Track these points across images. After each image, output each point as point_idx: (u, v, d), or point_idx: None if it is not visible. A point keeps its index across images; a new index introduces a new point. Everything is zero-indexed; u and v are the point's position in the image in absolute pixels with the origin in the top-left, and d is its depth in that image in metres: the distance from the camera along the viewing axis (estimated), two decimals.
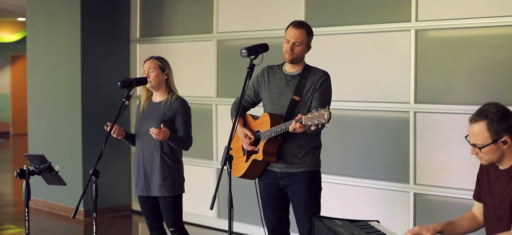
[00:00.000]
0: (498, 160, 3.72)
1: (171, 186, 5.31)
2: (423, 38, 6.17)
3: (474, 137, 3.70)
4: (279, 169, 4.92)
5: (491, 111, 3.68)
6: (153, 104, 5.40)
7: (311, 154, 4.91)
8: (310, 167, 4.90)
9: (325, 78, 4.87)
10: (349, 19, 6.68)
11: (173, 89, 5.41)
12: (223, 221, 7.78)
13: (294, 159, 4.87)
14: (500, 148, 3.67)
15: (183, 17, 8.31)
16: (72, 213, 4.76)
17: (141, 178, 5.39)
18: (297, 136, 4.76)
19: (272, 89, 4.97)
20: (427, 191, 6.13)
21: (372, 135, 6.54)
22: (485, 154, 3.69)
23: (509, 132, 3.67)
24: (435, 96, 6.10)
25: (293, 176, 4.89)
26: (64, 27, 8.68)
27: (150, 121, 5.27)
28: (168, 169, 5.30)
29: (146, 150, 5.35)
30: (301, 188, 4.89)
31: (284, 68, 4.98)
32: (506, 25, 5.68)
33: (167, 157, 5.30)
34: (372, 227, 4.04)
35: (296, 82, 4.87)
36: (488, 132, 3.66)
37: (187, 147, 5.36)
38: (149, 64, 5.37)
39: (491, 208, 3.80)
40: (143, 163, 5.37)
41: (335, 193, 6.64)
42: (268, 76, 5.03)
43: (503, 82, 5.65)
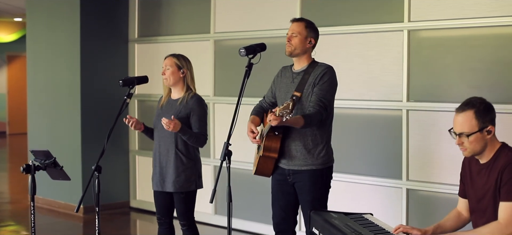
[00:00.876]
0: (481, 151, 3.88)
1: (184, 182, 5.41)
2: (415, 38, 6.31)
3: (461, 126, 3.87)
4: (286, 166, 4.96)
5: (477, 102, 3.88)
6: (171, 101, 5.51)
7: (318, 151, 4.91)
8: (315, 165, 4.90)
9: (325, 72, 4.87)
10: (344, 19, 6.81)
11: (191, 87, 5.50)
12: (220, 217, 7.92)
13: (300, 155, 4.89)
14: (484, 137, 3.84)
15: (181, 17, 8.43)
16: (71, 210, 4.88)
17: (157, 173, 5.50)
18: (300, 133, 4.82)
19: (281, 88, 5.05)
20: (419, 186, 6.28)
21: (366, 132, 6.68)
22: (471, 143, 3.85)
23: (492, 122, 3.87)
24: (427, 94, 6.24)
25: (299, 173, 4.92)
26: (64, 27, 8.79)
27: (166, 117, 5.29)
28: (182, 166, 5.40)
29: (163, 146, 5.46)
30: (305, 185, 4.91)
31: (293, 67, 5.05)
32: (495, 26, 5.83)
33: (182, 154, 5.40)
34: (366, 219, 4.20)
35: (300, 79, 4.92)
36: (475, 119, 3.84)
37: (201, 143, 5.42)
38: (167, 62, 5.47)
39: (475, 201, 3.97)
40: (159, 158, 5.49)
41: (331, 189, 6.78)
42: (280, 76, 5.12)
43: (492, 81, 5.80)
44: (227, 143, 4.43)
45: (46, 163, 4.88)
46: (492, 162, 3.88)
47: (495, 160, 3.87)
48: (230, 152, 4.44)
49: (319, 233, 4.06)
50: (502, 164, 3.81)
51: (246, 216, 7.52)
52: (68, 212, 8.67)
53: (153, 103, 8.49)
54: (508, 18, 5.72)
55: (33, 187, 4.84)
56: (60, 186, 8.49)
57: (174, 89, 5.53)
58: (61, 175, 5.05)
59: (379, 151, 6.59)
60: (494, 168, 3.85)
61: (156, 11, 8.72)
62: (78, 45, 8.56)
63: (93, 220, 8.08)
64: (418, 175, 6.31)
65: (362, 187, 6.68)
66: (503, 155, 3.86)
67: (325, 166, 4.96)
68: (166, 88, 5.58)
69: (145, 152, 8.81)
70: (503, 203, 3.75)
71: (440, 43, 6.20)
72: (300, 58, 4.97)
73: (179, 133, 5.29)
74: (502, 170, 3.80)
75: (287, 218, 5.07)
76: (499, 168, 3.82)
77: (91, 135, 8.60)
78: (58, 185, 8.65)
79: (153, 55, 8.69)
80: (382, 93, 6.51)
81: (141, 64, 8.88)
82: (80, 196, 8.09)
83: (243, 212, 7.48)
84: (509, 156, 3.83)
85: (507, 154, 3.85)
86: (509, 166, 3.78)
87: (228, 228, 4.45)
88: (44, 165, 4.89)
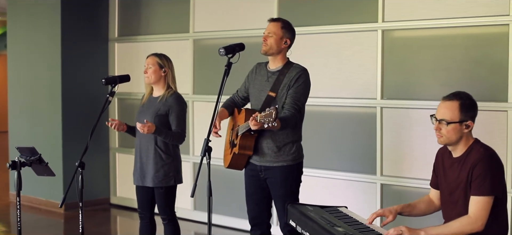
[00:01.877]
0: (455, 142, 4.06)
1: (163, 178, 5.55)
2: (389, 38, 6.48)
3: (443, 112, 4.05)
4: (258, 163, 5.13)
5: (465, 96, 4.08)
6: (152, 99, 5.64)
7: (288, 148, 5.09)
8: (286, 162, 5.08)
9: (300, 75, 5.01)
10: (320, 19, 6.96)
11: (171, 85, 5.63)
12: (200, 212, 8.06)
13: (271, 153, 5.06)
14: (462, 130, 4.03)
15: (161, 17, 8.54)
16: (52, 207, 4.96)
17: (138, 168, 5.64)
18: (272, 132, 4.96)
19: (255, 85, 5.19)
20: (393, 181, 6.46)
21: (341, 129, 6.84)
22: (448, 132, 4.03)
23: (472, 119, 4.07)
24: (400, 92, 6.41)
25: (270, 169, 5.09)
26: (45, 26, 8.86)
27: (146, 115, 5.50)
28: (161, 161, 5.54)
29: (143, 142, 5.59)
30: (277, 181, 5.09)
31: (268, 65, 5.18)
32: (466, 26, 6.01)
33: (161, 150, 5.53)
34: (340, 211, 4.37)
35: (275, 78, 5.06)
36: (458, 111, 4.02)
37: (179, 140, 5.58)
38: (149, 61, 5.60)
39: (447, 193, 4.15)
40: (140, 154, 5.63)
41: (307, 185, 6.90)
42: (255, 73, 5.25)
43: (463, 79, 5.98)
44: (207, 139, 4.58)
45: (31, 159, 5.00)
46: (465, 157, 4.05)
47: (467, 155, 4.05)
48: (210, 148, 4.58)
49: (295, 225, 4.22)
50: (474, 160, 3.98)
51: (224, 212, 7.68)
52: (49, 209, 8.77)
53: (133, 101, 8.60)
54: (479, 18, 5.90)
55: (19, 183, 4.95)
56: (41, 183, 8.60)
57: (155, 87, 5.65)
58: (46, 171, 5.16)
59: (354, 147, 6.75)
60: (466, 162, 4.02)
61: (136, 11, 8.82)
62: (59, 44, 8.64)
63: (74, 217, 8.26)
64: (392, 170, 6.49)
65: (338, 182, 6.85)
66: (475, 150, 4.03)
67: (296, 162, 5.14)
68: (148, 87, 5.71)
69: (125, 149, 8.92)
70: (473, 197, 3.93)
71: (413, 43, 6.37)
72: (275, 57, 5.11)
73: (155, 134, 5.43)
74: (473, 165, 3.96)
75: (262, 212, 5.26)
76: (470, 163, 3.99)
77: (71, 133, 8.69)
78: (39, 183, 8.74)
79: (133, 54, 8.79)
80: (357, 92, 6.67)
81: (121, 63, 8.98)
82: (62, 193, 8.24)
83: (222, 207, 7.63)
84: (480, 152, 4.00)
85: (479, 150, 4.03)
86: (480, 162, 3.95)
87: (208, 222, 4.60)
88: (30, 161, 5.00)
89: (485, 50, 5.93)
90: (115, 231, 8.47)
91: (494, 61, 5.86)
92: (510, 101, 5.75)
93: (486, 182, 3.89)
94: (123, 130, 5.62)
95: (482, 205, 3.89)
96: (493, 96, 5.85)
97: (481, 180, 3.90)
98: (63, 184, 8.61)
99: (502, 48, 5.79)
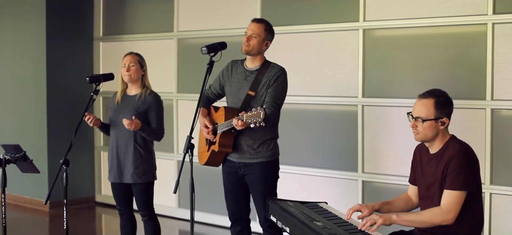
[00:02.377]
0: (431, 139, 4.16)
1: (143, 174, 5.64)
2: (370, 37, 6.57)
3: (419, 110, 4.15)
4: (236, 160, 5.23)
5: (440, 93, 4.18)
6: (128, 97, 5.69)
7: (266, 145, 5.20)
8: (265, 158, 5.19)
9: (279, 75, 5.14)
10: (302, 19, 7.04)
11: (147, 84, 5.71)
12: (183, 210, 8.13)
13: (250, 150, 5.17)
14: (437, 127, 4.13)
15: (145, 16, 8.61)
16: (37, 205, 5.00)
17: (114, 166, 5.69)
18: (251, 129, 5.04)
19: (233, 83, 5.28)
20: (374, 178, 6.56)
21: (323, 127, 6.93)
22: (424, 129, 4.13)
23: (448, 116, 4.16)
24: (381, 90, 6.51)
25: (249, 166, 5.20)
26: (30, 25, 8.90)
27: (124, 113, 5.55)
28: (140, 158, 5.62)
29: (120, 140, 5.65)
30: (256, 177, 5.20)
31: (245, 63, 5.28)
32: (444, 25, 6.12)
33: (140, 147, 5.61)
34: (320, 207, 4.46)
35: (253, 77, 5.16)
36: (434, 108, 4.12)
37: (159, 138, 5.67)
38: (130, 59, 5.67)
39: (424, 189, 4.26)
40: (117, 151, 5.67)
41: (290, 181, 7.01)
42: (231, 71, 5.34)
43: (442, 78, 6.08)
44: (190, 136, 4.67)
45: (16, 157, 5.05)
46: (441, 153, 4.15)
47: (443, 151, 4.15)
48: (192, 145, 4.68)
49: (276, 220, 4.30)
50: (449, 155, 4.08)
51: (207, 209, 7.76)
52: (34, 207, 8.83)
53: None
54: (457, 18, 6.00)
55: (4, 180, 5.01)
56: (26, 181, 8.64)
57: (132, 85, 5.71)
58: (31, 168, 5.21)
59: (336, 144, 6.84)
60: (443, 158, 4.12)
61: (120, 10, 8.88)
62: (44, 43, 8.69)
63: (59, 215, 8.29)
64: (373, 167, 6.58)
65: (320, 179, 6.94)
66: (451, 146, 4.13)
67: (273, 158, 5.26)
68: (123, 85, 5.75)
69: None
70: (446, 190, 4.03)
71: (394, 42, 6.46)
72: (254, 57, 5.22)
73: (139, 131, 5.51)
74: (449, 161, 4.07)
75: (241, 207, 5.38)
76: (446, 159, 4.09)
77: (56, 131, 8.74)
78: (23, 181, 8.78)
79: (117, 54, 8.80)
80: (339, 90, 6.76)
81: (106, 62, 9.04)
82: (46, 191, 8.27)
83: (204, 205, 7.71)
84: (456, 148, 4.10)
85: (455, 146, 4.13)
86: (455, 157, 4.05)
87: (190, 218, 4.69)
88: (15, 158, 5.05)
89: (464, 49, 6.03)
90: (100, 228, 8.52)
91: (473, 60, 5.96)
92: (488, 99, 5.86)
93: (460, 177, 3.99)
94: (97, 125, 5.66)
95: (455, 198, 3.99)
96: (472, 94, 5.96)
97: (455, 175, 4.00)
98: (48, 182, 8.65)
99: (481, 47, 5.89)
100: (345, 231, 3.90)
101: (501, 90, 5.82)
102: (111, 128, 5.75)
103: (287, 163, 6.98)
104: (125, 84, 5.74)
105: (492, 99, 5.85)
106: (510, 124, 5.82)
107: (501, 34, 5.78)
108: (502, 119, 5.85)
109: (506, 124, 5.83)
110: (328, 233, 3.75)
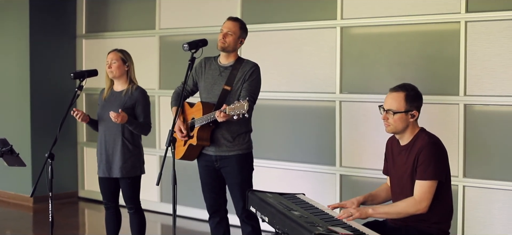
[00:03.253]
0: (402, 131, 4.33)
1: (131, 168, 5.75)
2: (347, 35, 6.73)
3: (390, 103, 4.32)
4: (213, 153, 5.39)
5: (410, 87, 4.36)
6: (115, 93, 5.80)
7: (242, 138, 5.37)
8: (241, 150, 5.37)
9: (254, 70, 5.32)
10: (281, 16, 7.19)
11: (133, 80, 5.82)
12: (165, 204, 8.26)
13: (226, 143, 5.34)
14: (408, 119, 4.30)
15: (127, 14, 8.71)
16: (21, 200, 5.02)
17: (103, 160, 5.81)
18: (227, 123, 5.20)
19: (207, 79, 5.45)
20: (352, 172, 6.72)
21: (302, 122, 7.08)
22: (394, 121, 4.31)
23: (418, 109, 4.34)
24: (358, 87, 6.67)
25: (226, 158, 5.36)
26: (13, 22, 8.99)
27: (112, 108, 5.62)
28: (128, 153, 5.73)
29: (108, 135, 5.76)
30: (233, 169, 5.37)
31: (219, 60, 5.45)
32: (420, 23, 6.29)
33: (128, 142, 5.73)
34: (298, 198, 4.63)
35: (228, 73, 5.34)
36: (404, 101, 4.30)
37: (146, 131, 5.79)
38: (112, 56, 5.76)
39: (395, 179, 4.44)
40: (105, 146, 5.79)
41: (269, 176, 7.16)
42: (204, 67, 5.50)
43: (417, 74, 6.25)
44: (172, 130, 4.81)
45: (3, 150, 5.14)
46: (411, 145, 4.33)
47: (414, 143, 4.32)
48: (174, 139, 4.82)
49: (255, 211, 4.46)
50: (419, 147, 4.26)
51: (188, 203, 7.91)
52: (17, 202, 8.92)
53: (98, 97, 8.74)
54: (433, 16, 6.18)
55: None
56: (9, 176, 8.74)
57: (117, 82, 5.82)
58: (17, 162, 5.31)
59: (314, 139, 7.00)
60: (413, 150, 4.30)
61: (103, 8, 8.98)
62: (27, 40, 8.78)
63: (43, 209, 8.41)
64: (350, 161, 6.75)
65: (298, 173, 7.10)
66: (420, 138, 4.31)
67: (249, 150, 5.45)
68: (108, 81, 5.86)
69: (93, 144, 9.05)
70: (418, 181, 4.21)
71: (370, 39, 6.63)
72: (229, 54, 5.39)
73: (126, 124, 5.62)
74: (419, 152, 4.24)
75: (218, 199, 5.56)
76: (416, 150, 4.26)
77: (40, 128, 8.84)
78: (7, 176, 8.89)
79: (100, 51, 8.93)
80: (317, 86, 6.91)
81: (89, 59, 9.13)
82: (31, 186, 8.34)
83: (185, 199, 7.83)
84: (425, 140, 4.28)
85: (424, 138, 4.30)
86: (425, 149, 4.23)
87: (173, 210, 4.80)
88: (1, 152, 5.14)
89: (438, 46, 6.21)
90: (83, 222, 8.64)
91: (447, 57, 6.13)
92: (461, 95, 6.04)
93: (430, 168, 4.17)
94: (85, 121, 5.77)
95: (426, 188, 4.17)
96: (446, 90, 6.14)
97: (425, 166, 4.18)
98: (32, 177, 8.75)
99: (454, 44, 6.07)
100: (321, 220, 4.06)
101: (474, 86, 6.00)
102: (99, 124, 5.85)
103: (266, 158, 7.14)
104: (111, 80, 5.84)
105: (465, 95, 6.03)
106: (482, 119, 6.00)
107: (473, 32, 5.97)
108: (475, 114, 6.03)
109: (478, 118, 6.02)
110: (305, 221, 3.90)
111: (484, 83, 5.95)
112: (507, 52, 5.82)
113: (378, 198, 4.65)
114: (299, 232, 3.77)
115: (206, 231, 7.00)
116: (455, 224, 6.03)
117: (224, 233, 5.60)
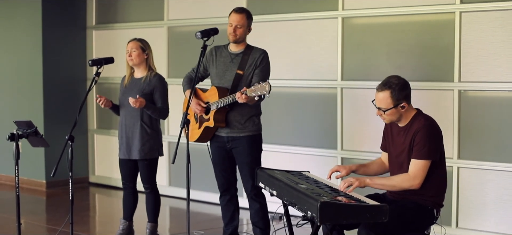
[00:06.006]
0: (398, 120, 4.69)
1: (149, 150, 6.10)
2: (348, 25, 7.02)
3: (379, 102, 4.66)
4: (225, 134, 5.73)
5: (394, 83, 4.63)
6: (135, 80, 6.14)
7: (252, 120, 5.71)
8: (251, 132, 5.72)
9: (264, 56, 5.67)
10: (286, 7, 7.48)
11: (152, 67, 6.16)
12: (174, 188, 8.56)
13: (238, 124, 5.68)
14: (399, 111, 4.63)
15: (136, 5, 8.96)
16: (34, 186, 5.18)
17: (124, 143, 6.15)
18: (240, 105, 5.56)
19: (219, 66, 5.78)
20: (352, 155, 7.03)
21: (305, 108, 7.39)
22: (388, 116, 4.65)
23: (406, 99, 4.65)
24: (358, 74, 6.97)
25: (237, 139, 5.71)
26: (26, 15, 9.25)
27: (131, 94, 5.96)
28: (146, 136, 6.07)
29: (128, 119, 6.11)
30: (244, 150, 5.72)
31: (229, 48, 5.78)
32: (417, 14, 6.59)
33: (146, 126, 6.07)
34: (303, 174, 4.98)
35: (239, 59, 5.66)
36: (391, 99, 4.61)
37: (164, 116, 6.16)
38: (132, 45, 6.10)
39: (394, 156, 4.78)
40: (125, 130, 6.13)
41: (275, 160, 7.41)
42: (215, 55, 5.82)
43: (414, 62, 6.56)
44: (186, 112, 5.18)
45: (28, 132, 5.44)
46: (409, 126, 4.66)
47: (411, 124, 4.65)
48: (188, 120, 5.18)
49: (264, 186, 4.83)
50: (416, 128, 4.59)
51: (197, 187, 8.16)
52: (31, 188, 9.24)
53: (110, 85, 9.03)
54: (429, 7, 6.47)
55: (17, 153, 5.38)
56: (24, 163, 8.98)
57: (137, 69, 6.16)
58: (41, 142, 5.61)
59: (317, 124, 7.30)
60: (410, 131, 4.63)
61: (112, 0, 9.24)
62: (40, 30, 9.05)
63: (56, 194, 8.71)
64: (351, 145, 7.06)
65: (302, 156, 7.40)
66: (417, 120, 4.64)
67: (258, 132, 5.79)
68: (129, 69, 6.19)
69: (103, 131, 9.38)
70: (413, 160, 4.56)
71: (370, 29, 6.93)
72: (239, 43, 5.71)
73: (144, 109, 5.96)
74: (415, 133, 4.58)
75: (229, 177, 5.90)
76: (413, 131, 4.60)
77: (52, 115, 9.13)
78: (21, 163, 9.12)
79: (110, 42, 9.22)
80: (320, 74, 7.22)
81: (99, 50, 9.36)
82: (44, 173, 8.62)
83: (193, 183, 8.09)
84: (421, 122, 4.61)
85: (421, 120, 4.63)
86: (420, 130, 4.56)
87: (187, 187, 5.20)
88: (27, 133, 5.44)
89: (434, 35, 6.50)
90: (94, 206, 8.93)
91: (442, 45, 6.44)
92: (456, 81, 6.35)
93: (425, 148, 4.51)
94: (108, 106, 6.11)
95: (420, 166, 4.52)
96: (441, 77, 6.45)
97: (420, 146, 4.52)
98: (45, 164, 9.07)
99: (449, 33, 6.36)
100: (326, 192, 4.41)
101: (468, 73, 6.30)
102: (120, 109, 6.20)
103: (272, 142, 7.42)
104: (131, 68, 6.17)
105: (460, 81, 6.33)
106: (476, 104, 6.31)
107: (467, 21, 6.26)
108: (469, 99, 6.34)
109: (472, 103, 6.32)
110: (311, 192, 4.25)
111: (477, 71, 6.25)
112: (499, 41, 6.11)
113: (370, 170, 5.01)
114: (306, 201, 4.12)
115: (214, 213, 7.32)
116: (450, 203, 6.32)
117: (234, 210, 5.94)
